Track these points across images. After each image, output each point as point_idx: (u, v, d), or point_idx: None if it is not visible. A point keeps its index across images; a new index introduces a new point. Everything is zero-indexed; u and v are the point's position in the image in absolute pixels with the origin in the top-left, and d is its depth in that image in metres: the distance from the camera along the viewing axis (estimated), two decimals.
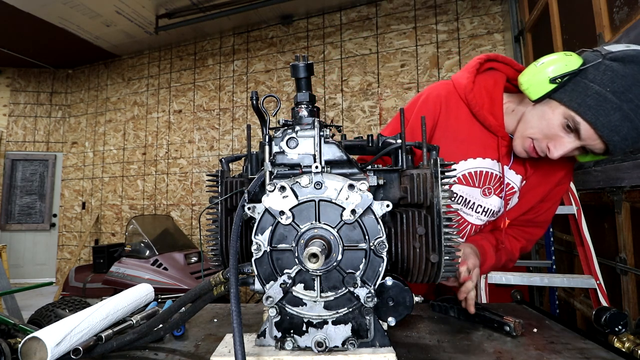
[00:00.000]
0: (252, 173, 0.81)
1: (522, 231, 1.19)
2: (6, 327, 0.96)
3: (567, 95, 0.86)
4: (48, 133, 6.75)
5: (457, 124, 1.05)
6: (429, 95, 1.09)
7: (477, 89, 1.04)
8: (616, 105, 0.80)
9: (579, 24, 2.42)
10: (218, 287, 0.71)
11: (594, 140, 0.85)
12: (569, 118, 0.87)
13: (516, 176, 1.08)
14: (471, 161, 1.06)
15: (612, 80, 0.81)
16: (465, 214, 1.12)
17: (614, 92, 0.80)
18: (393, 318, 0.66)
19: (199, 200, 5.65)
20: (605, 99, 0.81)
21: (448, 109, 1.06)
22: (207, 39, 5.81)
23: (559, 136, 0.90)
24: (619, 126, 0.81)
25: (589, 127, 0.84)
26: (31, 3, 4.62)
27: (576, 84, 0.85)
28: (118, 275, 3.83)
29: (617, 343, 0.79)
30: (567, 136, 0.89)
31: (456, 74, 1.12)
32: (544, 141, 0.93)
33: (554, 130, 0.90)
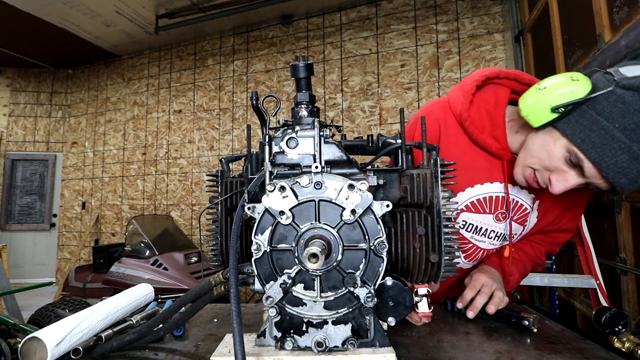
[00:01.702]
0: (252, 173, 0.81)
1: (546, 236, 1.14)
2: (6, 327, 0.96)
3: (570, 127, 0.78)
4: (48, 133, 6.75)
5: (458, 149, 0.98)
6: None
7: (474, 112, 0.97)
8: (625, 145, 0.72)
9: (579, 24, 2.42)
10: (218, 287, 0.71)
11: (599, 179, 0.78)
12: (571, 152, 0.79)
13: (529, 196, 1.01)
14: (478, 187, 1.00)
15: (622, 114, 0.72)
16: (478, 241, 1.07)
17: (623, 130, 0.72)
18: (393, 318, 0.66)
19: (199, 200, 5.65)
20: (612, 137, 0.73)
21: (447, 135, 1.00)
22: (207, 39, 5.82)
23: (561, 170, 0.83)
24: (626, 168, 0.73)
25: (592, 166, 0.77)
26: (31, 3, 4.62)
27: (582, 115, 0.76)
28: (118, 275, 3.83)
29: (617, 343, 0.78)
30: (570, 170, 0.82)
31: (453, 92, 1.03)
32: (545, 173, 0.86)
33: (555, 163, 0.82)
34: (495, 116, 0.96)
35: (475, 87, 0.98)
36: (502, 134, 0.96)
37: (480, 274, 0.99)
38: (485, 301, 0.92)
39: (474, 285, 0.96)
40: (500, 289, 0.95)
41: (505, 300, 0.93)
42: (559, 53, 2.73)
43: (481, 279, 0.97)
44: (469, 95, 0.97)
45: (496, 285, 0.96)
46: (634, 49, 1.75)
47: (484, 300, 0.92)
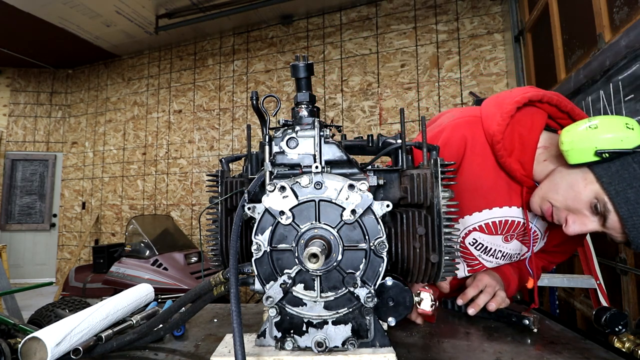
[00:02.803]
0: (252, 173, 0.81)
1: (546, 255, 1.14)
2: (6, 327, 0.96)
3: (608, 176, 0.74)
4: (48, 133, 6.75)
5: (482, 170, 0.94)
6: (451, 137, 0.95)
7: (508, 134, 0.91)
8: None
9: (579, 24, 2.42)
10: (218, 287, 0.71)
11: (618, 232, 0.76)
12: (600, 200, 0.76)
13: (542, 223, 1.00)
14: (496, 210, 0.97)
15: None
16: (484, 260, 1.07)
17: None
18: (393, 318, 0.66)
19: (199, 200, 5.65)
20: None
21: (473, 154, 0.95)
22: (207, 39, 5.82)
23: (582, 213, 0.80)
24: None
25: (618, 220, 0.74)
26: (31, 3, 4.62)
27: (624, 166, 0.72)
28: (118, 275, 3.83)
29: (617, 343, 0.78)
30: (591, 216, 0.79)
31: (488, 109, 0.96)
32: (564, 212, 0.83)
33: (579, 205, 0.79)
34: (528, 141, 0.91)
35: (516, 108, 0.91)
36: (529, 160, 0.91)
37: (483, 274, 1.00)
38: (487, 300, 0.92)
39: (476, 285, 0.96)
40: (502, 290, 0.96)
41: (507, 301, 0.93)
42: (559, 53, 2.73)
43: (484, 279, 0.98)
44: (507, 117, 0.90)
45: (499, 287, 0.97)
46: (634, 49, 1.75)
47: (486, 299, 0.92)
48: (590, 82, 2.18)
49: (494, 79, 4.17)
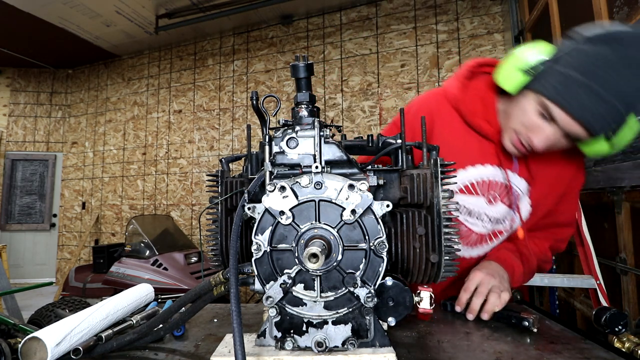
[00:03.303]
0: (252, 173, 0.81)
1: (546, 232, 1.13)
2: (6, 327, 0.96)
3: (538, 84, 0.86)
4: (48, 133, 6.75)
5: (452, 133, 1.03)
6: (419, 110, 1.08)
7: (469, 97, 1.02)
8: (584, 83, 0.79)
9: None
10: (218, 287, 0.71)
11: (572, 124, 0.83)
12: (541, 105, 0.86)
13: (520, 180, 1.04)
14: (471, 170, 1.03)
15: (580, 61, 0.81)
16: (471, 224, 1.07)
17: (582, 73, 0.79)
18: (393, 318, 0.66)
19: (199, 200, 5.65)
20: (573, 80, 0.80)
21: (442, 121, 1.04)
22: (207, 39, 5.81)
23: (538, 126, 0.89)
24: (588, 105, 0.79)
25: (561, 111, 0.83)
26: (31, 3, 4.62)
27: (547, 72, 0.86)
28: (118, 275, 3.83)
29: (617, 343, 0.79)
30: (546, 125, 0.88)
31: (447, 81, 1.09)
32: (526, 135, 0.92)
33: (531, 120, 0.89)
34: (487, 101, 1.02)
35: (469, 72, 1.04)
36: (494, 117, 1.01)
37: (476, 271, 0.97)
38: (481, 301, 0.91)
39: (468, 287, 0.94)
40: (498, 288, 0.93)
41: (503, 299, 0.91)
42: None
43: (477, 277, 0.95)
44: (462, 79, 1.03)
45: (493, 283, 0.94)
46: None
47: (480, 301, 0.91)
48: None
49: None
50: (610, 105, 0.78)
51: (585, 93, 0.79)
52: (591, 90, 0.78)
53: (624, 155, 1.87)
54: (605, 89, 0.77)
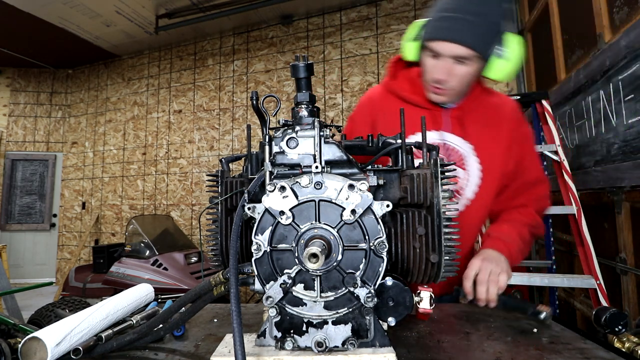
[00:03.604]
0: (252, 173, 0.81)
1: (525, 196, 1.16)
2: (6, 327, 0.96)
3: (420, 38, 1.08)
4: (48, 133, 6.75)
5: (393, 113, 1.12)
6: (361, 101, 1.25)
7: (399, 80, 1.20)
8: (445, 16, 0.99)
9: (579, 24, 2.42)
10: (218, 287, 0.71)
11: (451, 48, 0.99)
12: (428, 50, 1.04)
13: (462, 141, 1.13)
14: (412, 137, 1.13)
15: (439, 5, 1.03)
16: None
17: (437, 10, 1.02)
18: (393, 318, 0.66)
19: (199, 200, 5.65)
20: (438, 18, 1.01)
21: (383, 107, 1.18)
22: (207, 39, 5.81)
23: (434, 66, 1.05)
24: (454, 27, 0.97)
25: (438, 43, 1.00)
26: (31, 3, 4.62)
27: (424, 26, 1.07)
28: (118, 275, 3.83)
29: (617, 343, 0.79)
30: (438, 61, 1.03)
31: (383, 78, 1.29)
32: (431, 77, 1.07)
33: (430, 64, 1.06)
34: (412, 78, 1.18)
35: (394, 64, 1.24)
36: (420, 88, 1.16)
37: (474, 260, 0.98)
38: (485, 289, 0.91)
39: (468, 275, 0.94)
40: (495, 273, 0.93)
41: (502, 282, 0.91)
42: (559, 53, 2.73)
43: (475, 265, 0.95)
44: (391, 70, 1.24)
45: (491, 267, 0.94)
46: (634, 49, 1.75)
47: (483, 289, 0.91)
48: (590, 82, 2.18)
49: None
50: (470, 22, 0.96)
51: (449, 21, 0.98)
52: (452, 18, 0.98)
53: (624, 155, 1.87)
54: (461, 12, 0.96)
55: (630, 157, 1.82)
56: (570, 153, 2.49)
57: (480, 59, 1.00)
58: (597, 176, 2.14)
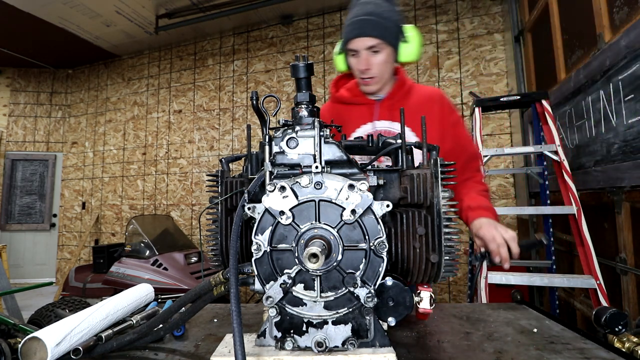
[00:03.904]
0: (252, 173, 0.81)
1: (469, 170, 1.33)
2: (6, 327, 0.96)
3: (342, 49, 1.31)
4: (48, 133, 6.75)
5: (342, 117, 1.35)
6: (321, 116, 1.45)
7: (341, 91, 1.41)
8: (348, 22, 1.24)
9: (579, 24, 2.42)
10: (218, 287, 0.71)
11: (362, 42, 1.21)
12: (348, 52, 1.27)
13: (389, 122, 1.32)
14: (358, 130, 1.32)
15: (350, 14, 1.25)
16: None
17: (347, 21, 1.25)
18: (393, 318, 0.66)
19: (199, 200, 5.65)
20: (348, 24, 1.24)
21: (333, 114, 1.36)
22: (207, 39, 5.81)
23: (356, 62, 1.27)
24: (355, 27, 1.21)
25: (352, 41, 1.23)
26: (31, 3, 4.61)
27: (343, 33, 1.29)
28: (118, 275, 3.83)
29: (617, 343, 0.78)
30: (357, 58, 1.26)
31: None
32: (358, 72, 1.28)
33: (354, 62, 1.28)
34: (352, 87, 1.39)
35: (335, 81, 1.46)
36: (359, 92, 1.37)
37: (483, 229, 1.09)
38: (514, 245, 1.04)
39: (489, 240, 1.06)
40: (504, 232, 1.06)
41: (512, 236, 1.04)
42: (559, 53, 2.73)
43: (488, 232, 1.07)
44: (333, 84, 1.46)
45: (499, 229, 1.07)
46: (634, 49, 1.75)
47: (505, 250, 1.03)
48: (590, 82, 2.18)
49: (494, 79, 4.17)
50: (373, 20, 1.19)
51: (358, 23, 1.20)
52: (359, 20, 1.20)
53: (624, 155, 1.87)
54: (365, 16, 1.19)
55: (630, 157, 1.82)
56: (570, 153, 2.49)
57: (388, 45, 1.22)
58: (597, 176, 2.14)
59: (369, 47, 1.22)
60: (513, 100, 2.57)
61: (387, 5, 1.24)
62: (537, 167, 2.80)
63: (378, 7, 1.21)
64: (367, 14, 1.20)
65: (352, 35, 1.22)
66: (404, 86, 1.34)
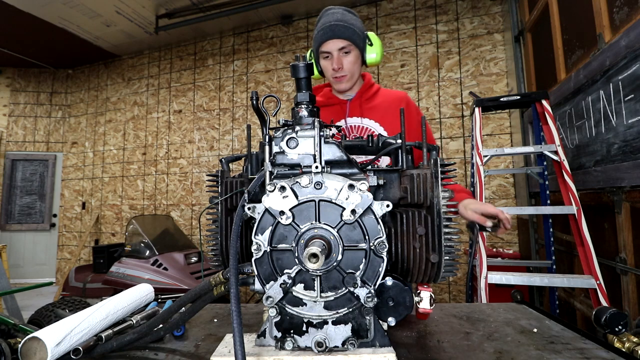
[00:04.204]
0: (252, 173, 0.81)
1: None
2: (6, 327, 0.96)
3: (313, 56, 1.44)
4: (48, 133, 6.75)
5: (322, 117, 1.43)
6: None
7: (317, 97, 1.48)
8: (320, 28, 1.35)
9: (579, 24, 2.42)
10: (218, 287, 0.71)
11: (334, 43, 1.34)
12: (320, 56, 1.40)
13: (359, 119, 1.44)
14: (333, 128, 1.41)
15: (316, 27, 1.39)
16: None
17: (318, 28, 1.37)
18: (393, 318, 0.66)
19: (199, 200, 5.65)
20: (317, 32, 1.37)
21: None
22: (207, 39, 5.81)
23: (329, 63, 1.39)
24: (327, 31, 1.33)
25: (324, 45, 1.35)
26: (31, 3, 4.62)
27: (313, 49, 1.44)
28: (118, 275, 3.83)
29: (617, 343, 0.78)
30: (330, 59, 1.38)
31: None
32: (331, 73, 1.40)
33: (326, 64, 1.40)
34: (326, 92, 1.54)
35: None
36: (332, 96, 1.51)
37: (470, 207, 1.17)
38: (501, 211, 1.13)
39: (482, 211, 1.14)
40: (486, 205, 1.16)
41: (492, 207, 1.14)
42: (559, 53, 2.73)
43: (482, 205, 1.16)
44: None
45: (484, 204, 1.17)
46: (634, 49, 1.75)
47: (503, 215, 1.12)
48: (590, 82, 2.18)
49: (494, 79, 4.17)
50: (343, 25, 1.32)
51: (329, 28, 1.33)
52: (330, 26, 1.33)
53: (624, 155, 1.87)
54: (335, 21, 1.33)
55: (630, 157, 1.82)
56: (570, 153, 2.49)
57: (356, 48, 1.36)
58: (597, 176, 2.14)
59: (341, 47, 1.36)
60: (513, 100, 2.57)
61: (351, 15, 1.40)
62: (537, 167, 2.80)
63: (344, 16, 1.37)
64: (336, 20, 1.35)
65: (325, 38, 1.35)
66: (372, 87, 1.49)
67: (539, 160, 2.82)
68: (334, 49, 1.36)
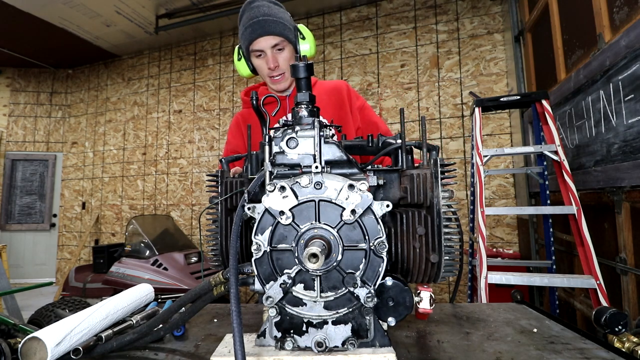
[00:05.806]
0: (252, 173, 0.81)
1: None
2: (6, 327, 0.96)
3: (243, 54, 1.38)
4: (48, 133, 6.74)
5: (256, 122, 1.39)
6: (231, 126, 1.51)
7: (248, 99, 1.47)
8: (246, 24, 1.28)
9: (579, 24, 2.42)
10: (218, 287, 0.71)
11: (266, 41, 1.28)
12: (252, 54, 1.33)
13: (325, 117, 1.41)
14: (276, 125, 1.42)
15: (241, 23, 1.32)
16: None
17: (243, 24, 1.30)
18: (393, 318, 0.66)
19: (199, 200, 5.65)
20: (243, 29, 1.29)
21: (248, 119, 1.45)
22: (207, 39, 5.81)
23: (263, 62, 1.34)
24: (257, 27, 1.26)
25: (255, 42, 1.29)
26: (31, 3, 4.61)
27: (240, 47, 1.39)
28: (118, 275, 3.83)
29: (617, 343, 0.78)
30: (263, 58, 1.33)
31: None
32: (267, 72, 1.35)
33: (260, 63, 1.34)
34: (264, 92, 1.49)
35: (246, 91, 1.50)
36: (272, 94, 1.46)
37: None
38: None
39: None
40: None
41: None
42: (559, 53, 2.73)
43: None
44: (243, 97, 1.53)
45: None
46: (634, 49, 1.75)
47: None
48: (590, 82, 2.18)
49: (494, 79, 4.17)
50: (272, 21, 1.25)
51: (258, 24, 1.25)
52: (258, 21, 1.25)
53: (624, 155, 1.87)
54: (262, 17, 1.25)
55: (630, 157, 1.82)
56: (570, 153, 2.49)
57: (289, 43, 1.31)
58: (597, 176, 2.14)
59: (274, 45, 1.29)
60: (513, 100, 2.57)
61: (277, 7, 1.31)
62: (537, 167, 2.80)
63: (271, 9, 1.28)
64: (263, 15, 1.26)
65: (256, 35, 1.27)
66: (313, 83, 1.44)
67: (539, 160, 2.82)
68: (266, 47, 1.29)
